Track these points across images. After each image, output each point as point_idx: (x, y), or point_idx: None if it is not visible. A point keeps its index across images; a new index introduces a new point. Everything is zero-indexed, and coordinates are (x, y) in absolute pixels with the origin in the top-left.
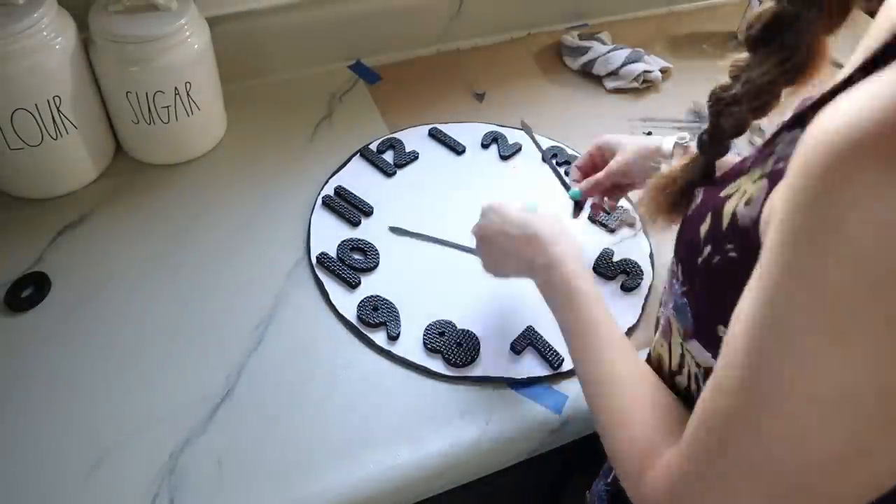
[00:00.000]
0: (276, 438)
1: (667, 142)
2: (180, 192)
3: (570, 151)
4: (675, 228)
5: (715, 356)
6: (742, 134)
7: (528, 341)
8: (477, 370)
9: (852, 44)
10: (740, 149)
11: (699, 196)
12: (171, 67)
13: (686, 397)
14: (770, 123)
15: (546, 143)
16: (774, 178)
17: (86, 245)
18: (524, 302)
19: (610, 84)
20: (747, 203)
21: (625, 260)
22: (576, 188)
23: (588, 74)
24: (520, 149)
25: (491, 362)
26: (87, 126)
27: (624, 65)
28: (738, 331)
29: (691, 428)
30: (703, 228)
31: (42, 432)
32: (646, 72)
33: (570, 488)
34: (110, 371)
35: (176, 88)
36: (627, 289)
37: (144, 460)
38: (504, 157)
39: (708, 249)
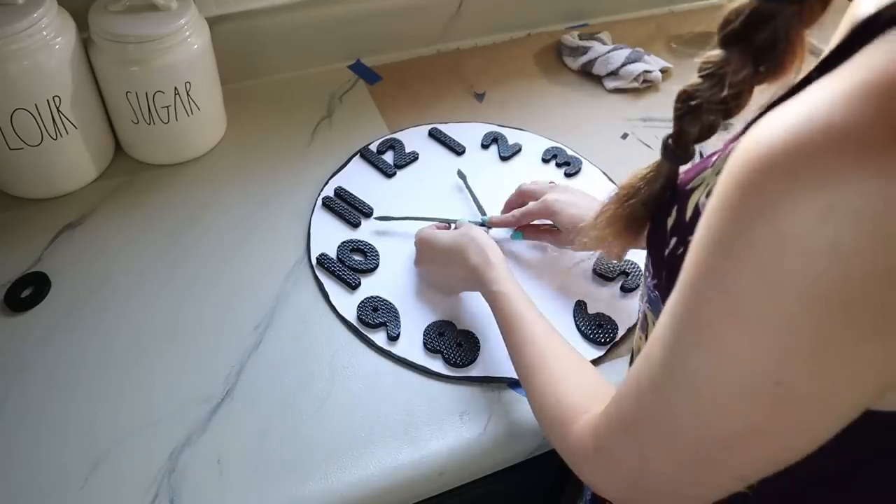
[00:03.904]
0: (276, 438)
1: None
2: (180, 192)
3: (569, 152)
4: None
5: None
6: (710, 137)
7: None
8: (477, 370)
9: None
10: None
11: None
12: (171, 67)
13: None
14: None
15: (546, 144)
16: None
17: (86, 245)
18: None
19: (610, 84)
20: (708, 195)
21: (624, 261)
22: (486, 217)
23: (588, 74)
24: (520, 149)
25: (491, 362)
26: (86, 126)
27: (624, 65)
28: (666, 312)
29: (624, 387)
30: (669, 222)
31: (41, 432)
32: (646, 72)
33: (569, 488)
34: (110, 371)
35: (176, 88)
36: (627, 289)
37: (144, 460)
38: (504, 158)
39: (673, 242)
